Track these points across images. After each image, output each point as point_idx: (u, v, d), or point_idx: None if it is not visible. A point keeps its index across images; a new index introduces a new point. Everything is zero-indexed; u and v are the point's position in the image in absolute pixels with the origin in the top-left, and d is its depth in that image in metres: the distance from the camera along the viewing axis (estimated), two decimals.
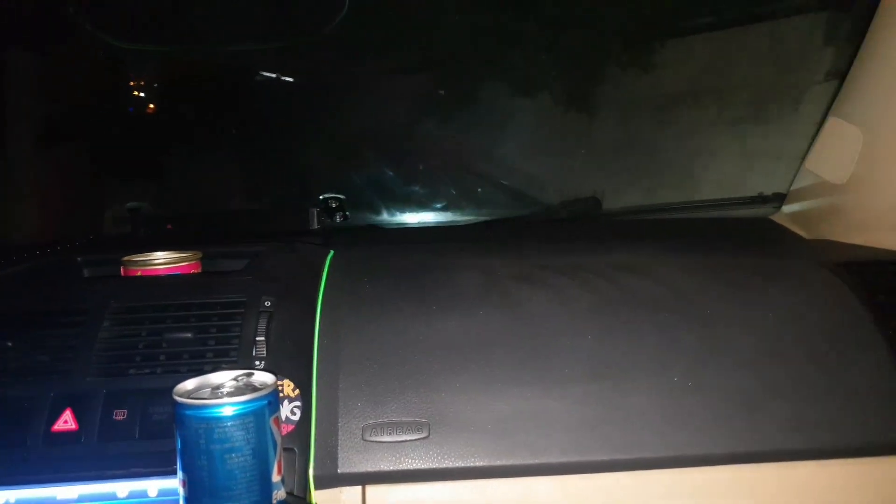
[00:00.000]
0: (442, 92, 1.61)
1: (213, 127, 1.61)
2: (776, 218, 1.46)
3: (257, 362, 0.91)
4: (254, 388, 0.71)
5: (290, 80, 1.57)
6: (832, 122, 1.26)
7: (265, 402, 0.70)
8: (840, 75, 1.22)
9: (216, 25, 1.51)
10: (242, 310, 0.96)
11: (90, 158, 1.76)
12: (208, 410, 0.67)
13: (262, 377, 0.74)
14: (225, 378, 0.74)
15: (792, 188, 1.40)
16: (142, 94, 1.63)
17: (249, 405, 0.68)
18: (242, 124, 1.59)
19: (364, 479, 0.88)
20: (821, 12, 1.42)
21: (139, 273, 1.08)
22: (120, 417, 0.85)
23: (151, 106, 1.65)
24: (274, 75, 1.56)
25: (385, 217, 1.67)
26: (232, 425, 0.67)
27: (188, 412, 0.67)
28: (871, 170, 1.20)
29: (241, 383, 0.73)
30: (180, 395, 0.69)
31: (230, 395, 0.69)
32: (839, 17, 1.39)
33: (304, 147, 1.64)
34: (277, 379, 0.74)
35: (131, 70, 1.63)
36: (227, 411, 0.67)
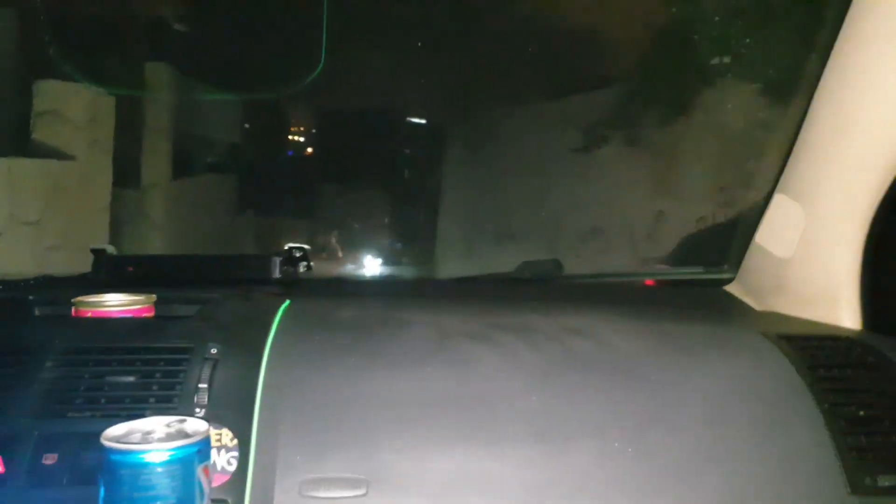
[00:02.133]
0: (407, 152, 1.66)
1: (183, 169, 1.63)
2: (730, 288, 1.48)
3: (198, 409, 0.90)
4: (185, 435, 0.70)
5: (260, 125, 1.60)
6: (778, 198, 1.29)
7: (195, 449, 0.69)
8: (785, 151, 1.26)
9: (201, 75, 1.55)
10: (188, 356, 0.95)
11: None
12: (134, 455, 0.66)
13: (195, 424, 0.73)
14: (157, 424, 0.73)
15: (745, 260, 1.43)
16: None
17: (178, 452, 0.67)
18: (212, 170, 1.62)
19: None
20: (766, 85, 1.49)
21: (89, 314, 1.08)
22: (49, 462, 0.83)
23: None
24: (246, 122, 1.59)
25: (349, 269, 1.68)
26: (159, 472, 0.66)
27: (114, 457, 0.67)
28: (812, 245, 1.23)
29: (172, 430, 0.72)
30: (108, 440, 0.68)
31: (159, 441, 0.69)
32: (784, 89, 1.46)
33: (271, 197, 1.66)
34: (212, 427, 0.74)
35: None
36: (155, 458, 0.66)
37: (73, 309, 1.10)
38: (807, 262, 1.24)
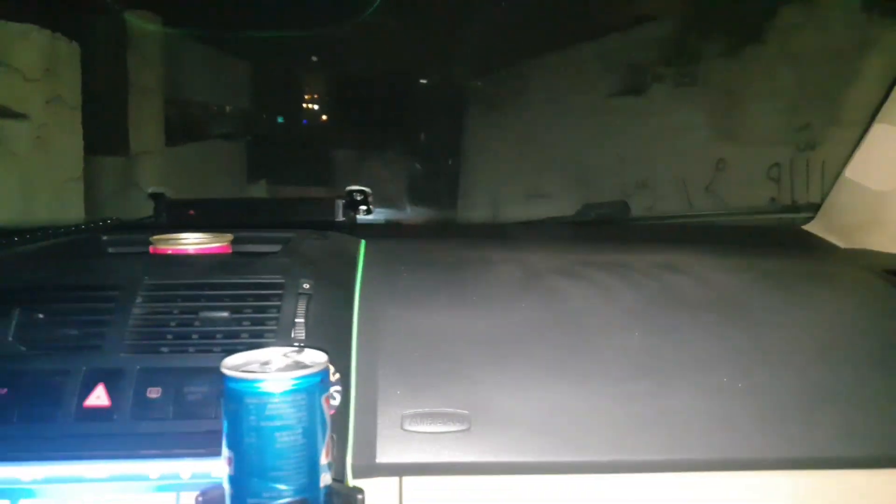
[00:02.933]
0: (479, 84, 1.61)
1: (241, 115, 1.59)
2: (808, 227, 1.44)
3: (295, 345, 0.88)
4: (304, 366, 0.68)
5: (321, 70, 1.56)
6: (878, 128, 1.24)
7: (318, 378, 0.67)
8: (889, 79, 1.20)
9: (246, 11, 1.49)
10: (280, 291, 0.93)
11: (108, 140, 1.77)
12: (261, 385, 0.64)
13: (312, 355, 0.71)
14: (273, 354, 0.71)
15: (829, 198, 1.38)
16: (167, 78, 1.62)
17: (304, 381, 0.65)
18: (270, 111, 1.58)
19: (402, 470, 0.85)
20: (869, 14, 1.41)
21: (169, 251, 1.05)
22: (154, 395, 0.82)
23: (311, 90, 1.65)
24: (304, 65, 1.54)
25: (409, 213, 1.65)
26: (285, 402, 0.64)
27: (240, 386, 0.64)
28: None
29: (290, 360, 0.70)
30: (230, 369, 0.66)
31: (282, 370, 0.66)
32: (889, 19, 1.38)
33: (331, 138, 1.62)
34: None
35: (160, 57, 1.62)
36: (281, 387, 0.64)
37: (150, 247, 1.08)
38: None
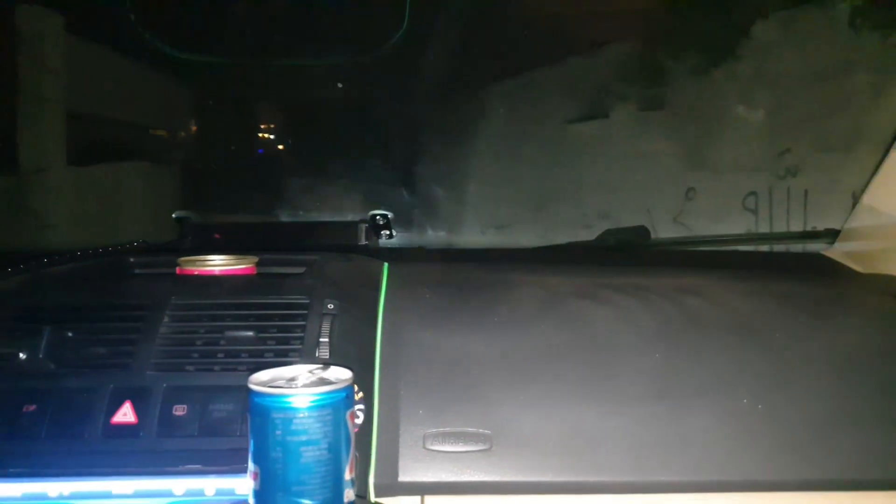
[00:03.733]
0: (501, 110, 1.62)
1: (261, 138, 1.62)
2: (828, 253, 1.44)
3: (321, 363, 0.89)
4: (329, 382, 0.69)
5: (346, 95, 1.58)
6: None
7: (343, 395, 0.68)
8: None
9: (274, 40, 1.53)
10: (306, 311, 0.94)
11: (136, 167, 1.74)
12: (288, 400, 0.65)
13: (338, 372, 0.72)
14: (299, 371, 0.72)
15: (847, 224, 1.38)
16: (193, 104, 1.64)
17: (329, 397, 0.66)
18: (292, 135, 1.60)
19: (424, 490, 0.85)
20: (854, 30, 1.39)
21: (196, 273, 1.07)
22: (180, 413, 0.84)
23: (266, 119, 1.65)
24: (329, 90, 1.57)
25: (431, 238, 1.67)
26: (311, 417, 0.65)
27: (266, 401, 0.66)
28: None
29: (315, 377, 0.71)
30: (257, 385, 0.67)
31: (308, 386, 0.68)
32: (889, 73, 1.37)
33: (278, 165, 1.62)
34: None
35: (184, 80, 1.65)
36: (307, 402, 0.65)
37: (177, 268, 1.10)
38: None
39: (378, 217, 1.53)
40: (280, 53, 1.52)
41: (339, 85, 1.55)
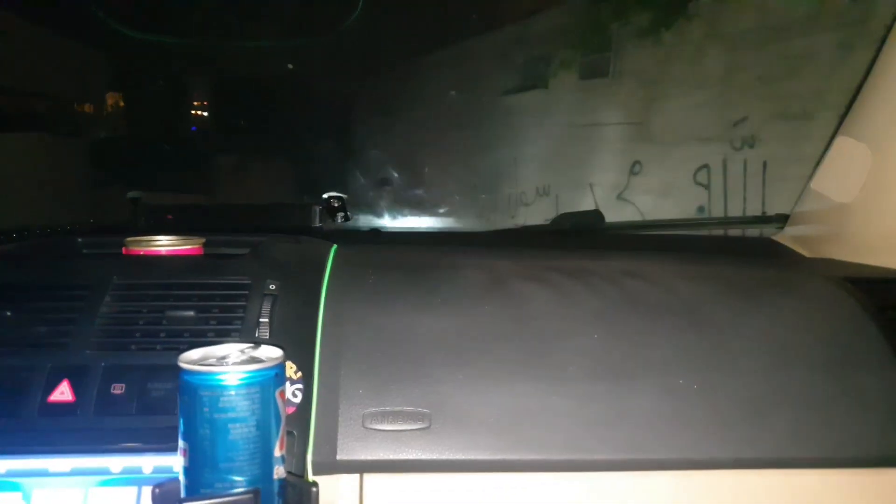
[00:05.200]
0: (453, 93, 1.60)
1: (217, 120, 1.60)
2: (778, 238, 1.46)
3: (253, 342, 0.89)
4: (260, 361, 0.70)
5: (298, 76, 1.57)
6: (841, 141, 1.26)
7: (272, 373, 0.68)
8: (851, 93, 1.22)
9: (229, 20, 1.51)
10: (247, 291, 0.95)
11: (91, 147, 1.71)
12: (215, 378, 0.66)
13: (269, 350, 0.73)
14: (231, 349, 0.73)
15: (795, 209, 1.40)
16: (148, 86, 1.61)
17: (257, 375, 0.67)
18: (246, 118, 1.58)
19: (363, 468, 0.86)
20: (834, 28, 1.39)
21: (141, 253, 1.07)
22: (117, 391, 0.84)
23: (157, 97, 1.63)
24: (282, 71, 1.56)
25: (387, 220, 1.67)
26: (238, 394, 0.66)
27: (194, 379, 0.66)
28: (878, 190, 1.21)
29: (246, 356, 0.72)
30: (188, 363, 0.67)
31: (238, 364, 0.68)
32: (852, 32, 1.37)
33: (308, 144, 1.62)
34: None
35: (138, 61, 1.61)
36: (234, 380, 0.66)
37: (123, 248, 1.10)
38: (870, 207, 1.21)
39: (333, 199, 1.53)
40: (229, 33, 1.50)
41: (290, 66, 1.54)
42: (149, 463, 0.80)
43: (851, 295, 1.03)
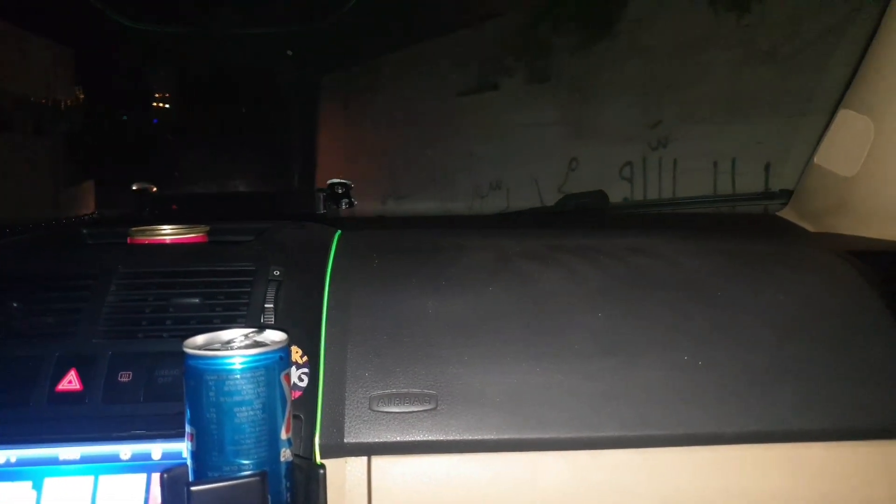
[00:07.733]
0: (330, 81, 1.61)
1: (220, 110, 1.60)
2: (783, 214, 1.46)
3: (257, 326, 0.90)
4: (264, 345, 0.70)
5: (302, 66, 1.57)
6: (843, 114, 1.25)
7: (276, 356, 0.69)
8: (852, 67, 1.21)
9: (227, 9, 1.51)
10: (251, 278, 0.95)
11: (95, 139, 1.72)
12: (219, 362, 0.66)
13: (273, 334, 0.73)
14: (235, 334, 0.73)
15: (799, 184, 1.40)
16: (151, 77, 1.62)
17: (261, 358, 0.67)
18: (251, 107, 1.59)
19: (370, 450, 0.86)
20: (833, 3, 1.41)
21: (146, 242, 1.08)
22: (125, 379, 0.84)
23: (160, 88, 1.64)
24: (285, 60, 1.56)
25: (391, 207, 1.67)
26: (243, 378, 0.66)
27: (199, 363, 0.66)
28: (881, 161, 1.20)
29: (251, 340, 0.72)
30: (191, 348, 0.68)
31: (242, 348, 0.68)
32: (852, 7, 1.38)
33: (313, 133, 1.63)
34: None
35: (140, 52, 1.62)
36: (239, 363, 0.66)
37: (128, 238, 1.10)
38: (873, 178, 1.21)
39: (337, 186, 1.53)
40: (232, 23, 1.50)
41: (289, 52, 1.54)
42: (158, 449, 0.81)
43: (855, 268, 1.03)
